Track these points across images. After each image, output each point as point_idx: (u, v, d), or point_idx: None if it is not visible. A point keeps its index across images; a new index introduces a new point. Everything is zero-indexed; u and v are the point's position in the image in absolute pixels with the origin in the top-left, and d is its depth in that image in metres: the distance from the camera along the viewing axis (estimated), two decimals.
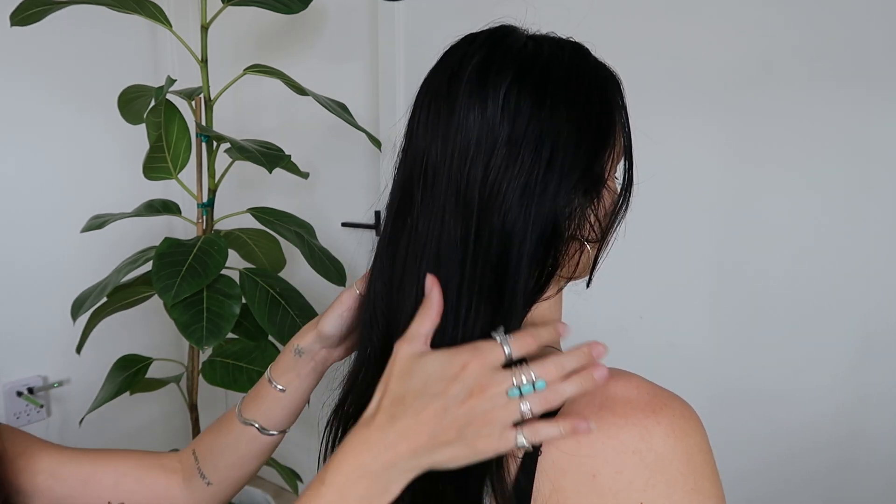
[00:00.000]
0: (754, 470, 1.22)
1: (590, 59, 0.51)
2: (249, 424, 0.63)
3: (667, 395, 0.45)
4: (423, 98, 0.51)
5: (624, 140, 0.52)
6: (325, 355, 0.62)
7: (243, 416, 0.64)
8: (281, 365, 0.64)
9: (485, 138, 0.46)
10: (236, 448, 0.64)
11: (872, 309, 1.09)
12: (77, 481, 0.63)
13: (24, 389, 1.74)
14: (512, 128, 0.46)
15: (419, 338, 0.45)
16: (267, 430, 0.64)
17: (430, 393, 0.42)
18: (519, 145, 0.46)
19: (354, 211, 1.76)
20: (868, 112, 1.05)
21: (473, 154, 0.46)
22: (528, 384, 0.42)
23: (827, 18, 1.06)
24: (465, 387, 0.42)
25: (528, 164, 0.46)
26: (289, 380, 0.63)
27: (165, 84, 1.10)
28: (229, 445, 0.64)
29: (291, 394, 0.63)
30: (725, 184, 1.19)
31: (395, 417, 0.43)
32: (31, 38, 1.56)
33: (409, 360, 0.44)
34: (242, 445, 0.64)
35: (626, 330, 1.34)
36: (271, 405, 0.63)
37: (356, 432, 0.44)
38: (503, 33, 0.50)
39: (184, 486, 0.66)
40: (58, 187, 1.77)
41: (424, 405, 0.42)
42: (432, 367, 0.43)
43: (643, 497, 0.42)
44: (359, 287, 0.58)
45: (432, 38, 1.49)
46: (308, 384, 0.63)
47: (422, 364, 0.44)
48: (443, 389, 0.42)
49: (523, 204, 0.46)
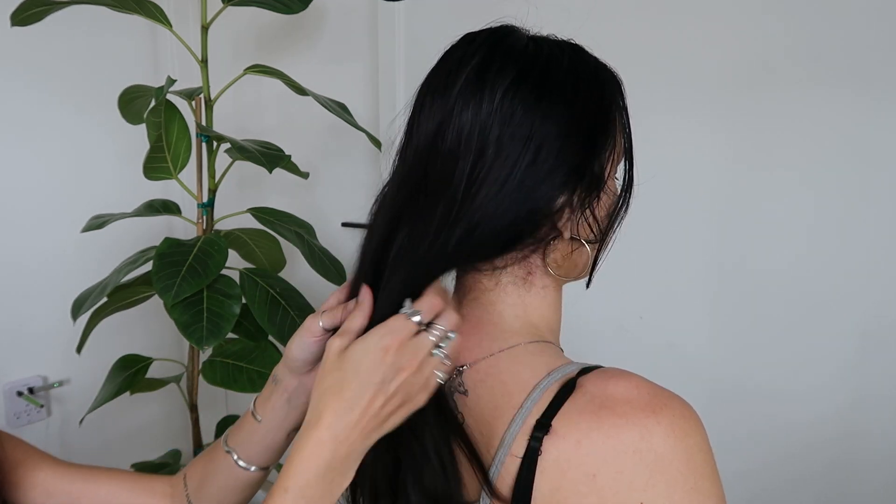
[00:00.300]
0: (754, 469, 1.22)
1: (589, 60, 0.52)
2: (229, 453, 0.61)
3: (667, 395, 0.45)
4: (422, 96, 0.51)
5: (624, 141, 0.52)
6: (297, 385, 0.58)
7: (227, 444, 0.62)
8: (264, 393, 0.61)
9: (476, 135, 0.47)
10: (218, 478, 0.62)
11: (871, 308, 1.09)
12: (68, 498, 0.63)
13: (24, 389, 1.74)
14: (503, 128, 0.46)
15: (349, 333, 0.48)
16: (243, 463, 0.61)
17: (366, 382, 0.45)
18: (508, 144, 0.46)
19: (354, 211, 1.76)
20: (867, 113, 1.05)
21: (463, 149, 0.47)
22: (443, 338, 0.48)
23: (826, 20, 1.06)
24: (393, 367, 0.46)
25: (512, 160, 0.46)
26: (265, 410, 0.60)
27: (165, 84, 1.10)
28: (213, 474, 0.63)
29: (266, 425, 0.60)
30: (725, 184, 1.19)
31: (339, 413, 0.45)
32: (32, 38, 1.55)
33: (338, 355, 0.47)
34: (222, 476, 0.62)
35: (626, 330, 1.34)
36: (248, 435, 0.61)
37: (306, 434, 0.46)
38: (503, 33, 0.51)
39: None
40: (58, 187, 1.77)
41: (364, 394, 0.45)
42: (358, 356, 0.46)
43: (643, 497, 0.42)
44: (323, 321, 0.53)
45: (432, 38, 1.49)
46: (282, 417, 0.59)
47: (349, 356, 0.46)
48: (376, 377, 0.45)
49: (499, 196, 0.47)
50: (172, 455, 1.52)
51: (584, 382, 0.46)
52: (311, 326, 0.54)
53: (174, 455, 1.53)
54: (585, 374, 0.47)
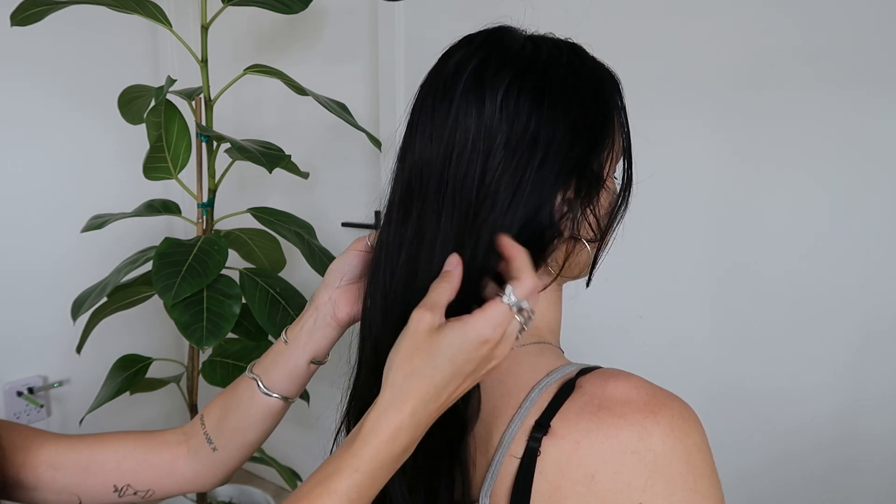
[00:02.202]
0: (754, 470, 1.22)
1: (587, 60, 0.52)
2: (253, 379, 0.62)
3: (666, 395, 0.45)
4: (422, 100, 0.51)
5: (623, 140, 0.52)
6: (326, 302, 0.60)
7: (251, 371, 0.63)
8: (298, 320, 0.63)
9: (481, 140, 0.47)
10: (239, 408, 0.63)
11: (872, 309, 1.09)
12: (78, 469, 0.62)
13: (24, 389, 1.75)
14: (509, 129, 0.46)
15: (438, 308, 0.45)
16: (264, 388, 0.61)
17: (458, 372, 0.44)
18: (515, 147, 0.46)
19: (354, 211, 1.76)
20: (867, 112, 1.05)
21: (469, 155, 0.47)
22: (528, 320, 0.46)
23: (827, 18, 1.06)
24: (487, 360, 0.45)
25: (523, 164, 0.46)
26: (293, 331, 0.61)
27: (165, 84, 1.10)
28: (235, 405, 0.63)
29: (292, 347, 0.61)
30: (725, 184, 1.19)
31: (426, 401, 0.44)
32: (32, 38, 1.56)
33: (429, 334, 0.44)
34: (244, 405, 0.62)
35: (626, 330, 1.34)
36: (273, 358, 0.62)
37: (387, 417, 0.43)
38: (500, 34, 0.51)
39: (188, 456, 0.65)
40: (58, 187, 1.78)
41: (453, 382, 0.44)
42: (457, 344, 0.44)
43: (642, 497, 0.42)
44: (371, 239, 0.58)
45: (432, 38, 1.50)
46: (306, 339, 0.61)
47: (445, 341, 0.44)
48: (469, 367, 0.44)
49: (515, 203, 0.46)
50: None
51: (583, 383, 0.46)
52: (357, 245, 0.60)
53: None
54: (584, 375, 0.47)
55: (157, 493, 0.65)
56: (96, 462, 0.63)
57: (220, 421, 0.64)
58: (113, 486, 0.63)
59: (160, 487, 0.65)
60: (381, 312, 0.52)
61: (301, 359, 0.61)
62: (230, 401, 0.64)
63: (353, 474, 0.43)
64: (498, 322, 0.44)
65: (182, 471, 0.64)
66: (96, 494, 0.63)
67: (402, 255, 0.50)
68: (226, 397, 0.64)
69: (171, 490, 0.65)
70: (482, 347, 0.44)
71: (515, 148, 0.46)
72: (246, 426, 0.63)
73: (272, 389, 0.62)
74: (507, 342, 0.45)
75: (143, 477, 0.64)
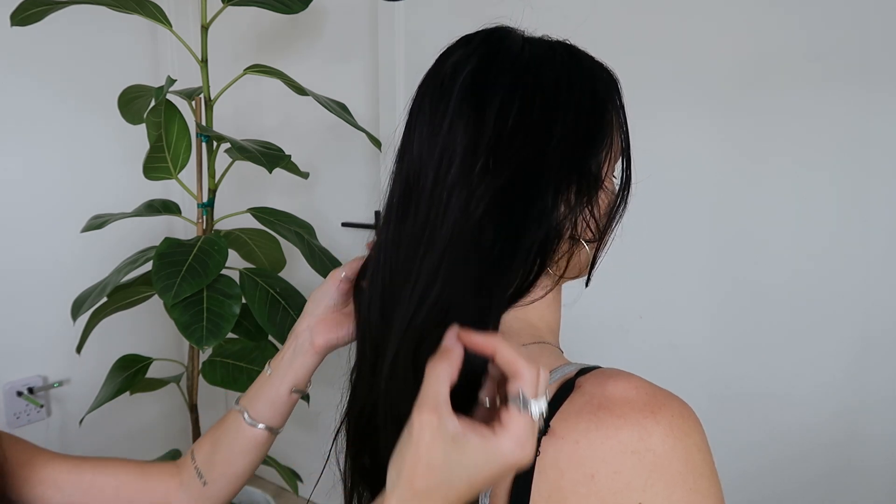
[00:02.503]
0: (754, 471, 1.22)
1: (584, 60, 0.52)
2: (239, 412, 0.64)
3: (665, 395, 0.45)
4: (419, 100, 0.51)
5: (622, 140, 0.52)
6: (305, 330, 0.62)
7: (238, 403, 0.65)
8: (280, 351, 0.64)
9: (474, 143, 0.46)
10: (227, 441, 0.64)
11: (872, 311, 1.09)
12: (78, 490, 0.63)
13: (24, 389, 1.75)
14: (506, 131, 0.46)
15: (442, 407, 0.40)
16: (249, 419, 0.63)
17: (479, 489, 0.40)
18: (509, 150, 0.46)
19: (354, 211, 1.76)
20: (871, 112, 1.05)
21: (462, 159, 0.47)
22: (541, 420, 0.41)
23: (831, 16, 1.06)
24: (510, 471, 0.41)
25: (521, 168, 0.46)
26: (276, 361, 0.63)
27: (165, 84, 1.10)
28: (222, 438, 0.65)
29: (273, 377, 0.62)
30: (726, 184, 1.19)
31: None
32: (32, 38, 1.56)
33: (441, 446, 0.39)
34: (231, 438, 0.64)
35: (626, 330, 1.34)
36: (257, 389, 0.64)
37: None
38: (499, 35, 0.51)
39: (181, 490, 0.66)
40: (58, 187, 1.78)
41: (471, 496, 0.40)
42: (477, 466, 0.39)
43: (642, 497, 0.42)
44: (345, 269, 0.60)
45: (432, 38, 1.50)
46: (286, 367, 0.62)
47: (462, 460, 0.39)
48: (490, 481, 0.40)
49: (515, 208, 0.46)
50: (172, 455, 1.52)
51: (583, 383, 0.46)
52: (334, 275, 0.61)
53: (174, 455, 1.53)
54: (584, 375, 0.47)
55: None
56: (96, 486, 0.64)
57: (209, 455, 0.65)
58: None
59: None
60: (380, 313, 0.52)
61: (282, 387, 0.63)
62: (218, 434, 0.65)
63: None
64: (526, 439, 0.39)
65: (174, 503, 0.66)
66: None
67: (401, 255, 0.50)
68: (214, 431, 0.66)
69: None
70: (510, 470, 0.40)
71: (513, 149, 0.46)
72: (233, 457, 0.64)
73: (257, 420, 0.63)
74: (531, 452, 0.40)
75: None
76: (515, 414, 0.39)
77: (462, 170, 0.47)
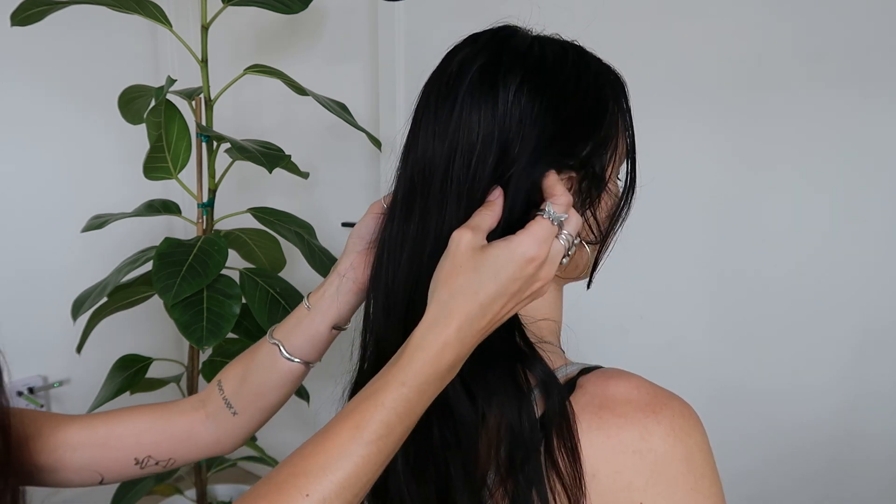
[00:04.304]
0: (754, 469, 1.22)
1: (592, 62, 0.51)
2: (275, 345, 0.63)
3: (666, 395, 0.45)
4: (425, 97, 0.51)
5: (627, 142, 0.52)
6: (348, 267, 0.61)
7: (272, 336, 0.64)
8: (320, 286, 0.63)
9: (485, 138, 0.46)
10: (260, 373, 0.64)
11: (870, 308, 1.09)
12: (96, 446, 0.63)
13: (24, 389, 1.75)
14: (513, 128, 0.46)
15: (479, 230, 0.45)
16: (286, 353, 0.62)
17: (503, 291, 0.44)
18: (518, 146, 0.46)
19: (354, 211, 1.76)
20: (867, 112, 1.05)
21: (473, 153, 0.46)
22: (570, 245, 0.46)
23: (826, 19, 1.06)
24: (532, 279, 0.45)
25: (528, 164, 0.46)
26: (315, 297, 0.62)
27: (165, 84, 1.10)
28: (255, 370, 0.64)
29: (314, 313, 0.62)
30: (724, 185, 1.19)
31: (471, 318, 0.43)
32: (32, 38, 1.56)
33: (472, 253, 0.44)
34: (265, 370, 0.63)
35: (626, 330, 1.34)
36: (295, 323, 0.63)
37: (433, 333, 0.43)
38: (507, 34, 0.50)
39: (207, 422, 0.65)
40: (58, 187, 1.78)
41: (498, 301, 0.44)
42: (501, 262, 0.43)
43: (643, 497, 0.42)
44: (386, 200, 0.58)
45: (432, 38, 1.50)
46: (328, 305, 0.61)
47: (489, 258, 0.44)
48: (514, 286, 0.44)
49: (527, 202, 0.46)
50: None
51: (584, 383, 0.46)
52: (375, 209, 0.61)
53: None
54: (585, 375, 0.47)
55: (179, 461, 0.66)
56: (114, 437, 0.63)
57: (239, 385, 0.64)
58: (134, 459, 0.64)
59: (181, 455, 0.65)
60: (384, 310, 0.52)
61: (323, 324, 0.62)
62: (250, 365, 0.64)
63: (399, 388, 0.43)
64: (543, 238, 0.44)
65: (202, 437, 0.65)
66: (118, 468, 0.64)
67: (406, 252, 0.50)
68: (245, 362, 0.65)
69: (192, 456, 0.66)
70: (528, 266, 0.44)
71: (519, 147, 0.46)
72: (266, 390, 0.63)
73: (294, 354, 0.62)
74: (551, 263, 0.45)
75: (164, 447, 0.64)
76: (538, 219, 0.44)
77: (475, 168, 0.47)
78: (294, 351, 0.62)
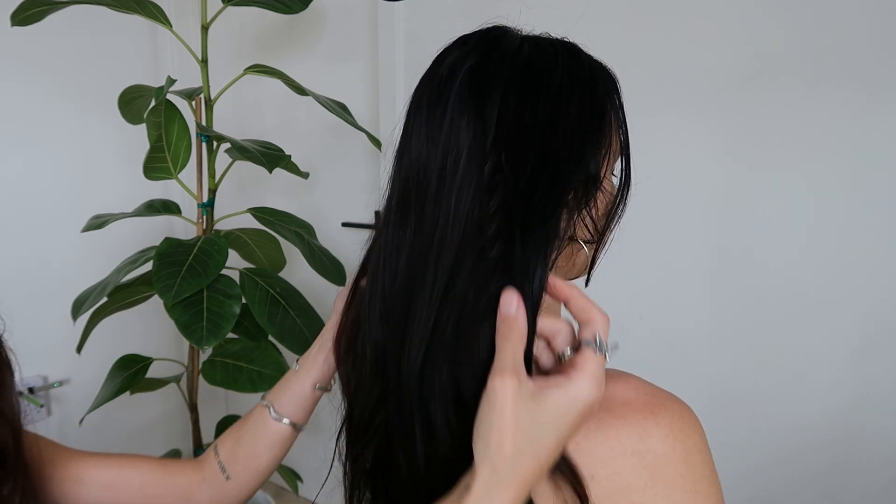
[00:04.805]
0: (753, 470, 1.22)
1: (584, 59, 0.51)
2: (265, 407, 0.65)
3: (665, 396, 0.45)
4: (417, 101, 0.50)
5: (621, 140, 0.52)
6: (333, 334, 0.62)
7: (264, 399, 0.66)
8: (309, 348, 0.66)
9: (478, 143, 0.46)
10: (251, 436, 0.65)
11: (871, 309, 1.09)
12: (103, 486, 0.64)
13: (25, 389, 1.75)
14: (505, 131, 0.46)
15: (520, 370, 0.41)
16: (275, 414, 0.64)
17: (564, 440, 0.41)
18: (511, 149, 0.46)
19: (354, 211, 1.76)
20: (866, 112, 1.05)
21: (467, 159, 0.46)
22: None
23: (824, 20, 1.06)
24: (590, 417, 0.42)
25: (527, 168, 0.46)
26: (304, 360, 0.65)
27: (165, 84, 1.10)
28: (247, 433, 0.66)
29: (300, 373, 0.64)
30: (724, 184, 1.19)
31: (529, 483, 0.40)
32: (32, 38, 1.56)
33: (524, 405, 0.40)
34: (256, 432, 0.65)
35: (627, 330, 1.34)
36: (283, 385, 0.65)
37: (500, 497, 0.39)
38: (496, 35, 0.50)
39: (203, 485, 0.67)
40: (58, 187, 1.77)
41: (558, 450, 0.41)
42: (559, 414, 0.40)
43: (642, 498, 0.42)
44: None
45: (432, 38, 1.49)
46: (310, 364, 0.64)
47: (545, 412, 0.40)
48: (574, 430, 0.41)
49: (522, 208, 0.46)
50: (172, 455, 1.52)
51: None
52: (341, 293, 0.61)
53: (174, 455, 1.53)
54: None
55: None
56: (122, 479, 0.65)
57: (233, 449, 0.66)
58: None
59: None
60: (381, 316, 0.51)
61: (307, 383, 0.64)
62: (243, 429, 0.67)
63: None
64: (600, 376, 0.41)
65: (198, 499, 0.67)
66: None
67: (402, 258, 0.49)
68: (239, 426, 0.68)
69: None
70: (590, 412, 0.41)
71: (512, 150, 0.46)
72: (258, 452, 0.65)
73: (282, 414, 0.64)
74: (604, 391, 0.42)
75: (164, 500, 0.66)
76: (591, 355, 0.41)
77: (470, 170, 0.46)
78: (282, 410, 0.65)
